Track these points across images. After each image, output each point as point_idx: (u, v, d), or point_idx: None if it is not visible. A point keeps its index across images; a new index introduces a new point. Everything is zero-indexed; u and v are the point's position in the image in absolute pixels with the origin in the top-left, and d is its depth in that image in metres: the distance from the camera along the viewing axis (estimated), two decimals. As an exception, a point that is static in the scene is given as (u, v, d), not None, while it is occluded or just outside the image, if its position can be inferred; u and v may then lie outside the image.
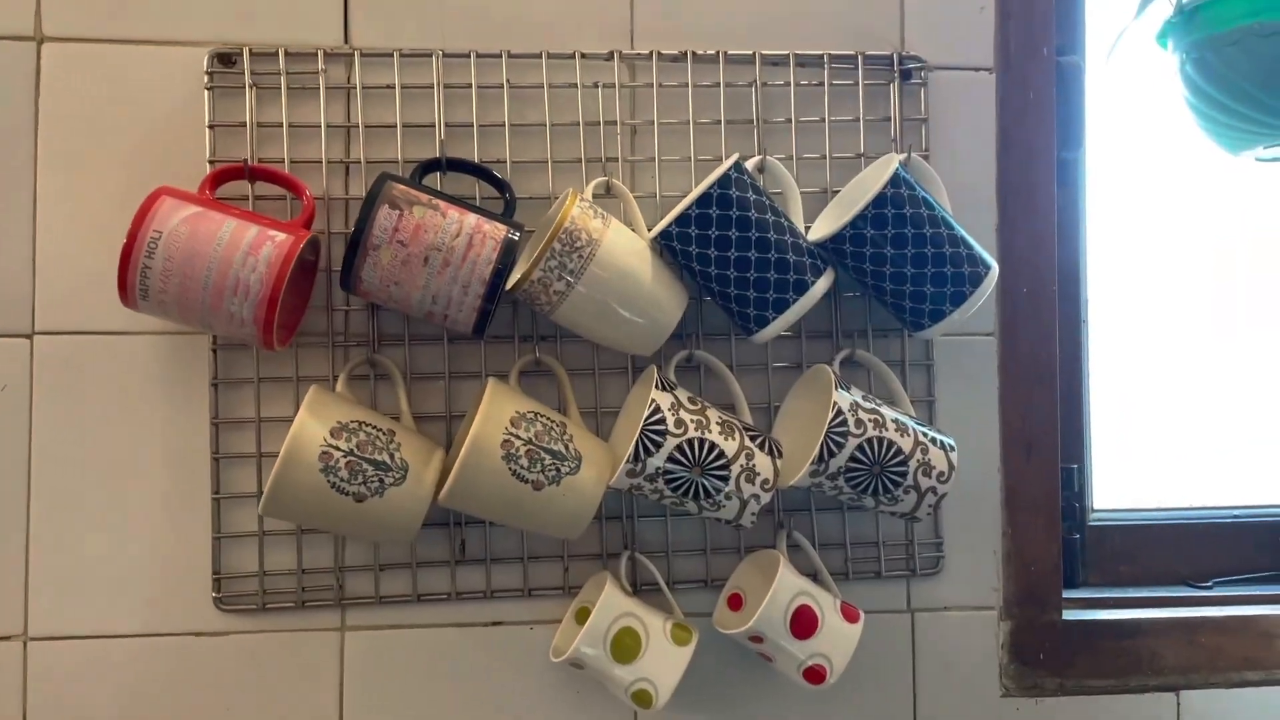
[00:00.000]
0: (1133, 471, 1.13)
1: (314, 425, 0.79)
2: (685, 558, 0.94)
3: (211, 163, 0.87)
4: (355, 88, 0.89)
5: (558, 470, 0.82)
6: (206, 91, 0.88)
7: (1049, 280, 0.98)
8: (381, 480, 0.80)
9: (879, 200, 0.84)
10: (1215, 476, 1.15)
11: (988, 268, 0.87)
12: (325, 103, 0.89)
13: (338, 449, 0.79)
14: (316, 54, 0.89)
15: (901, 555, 0.96)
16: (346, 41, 0.90)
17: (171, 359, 0.88)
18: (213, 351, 0.88)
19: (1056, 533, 0.99)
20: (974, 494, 0.97)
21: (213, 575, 0.88)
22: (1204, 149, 1.06)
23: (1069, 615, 0.99)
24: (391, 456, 0.81)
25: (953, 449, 0.88)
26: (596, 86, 0.92)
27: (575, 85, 0.92)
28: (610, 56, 0.92)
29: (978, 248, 0.88)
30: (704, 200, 0.83)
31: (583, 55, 0.92)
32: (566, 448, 0.83)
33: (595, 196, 0.88)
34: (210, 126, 0.88)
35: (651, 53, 0.92)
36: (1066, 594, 1.01)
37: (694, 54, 0.93)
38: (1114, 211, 1.14)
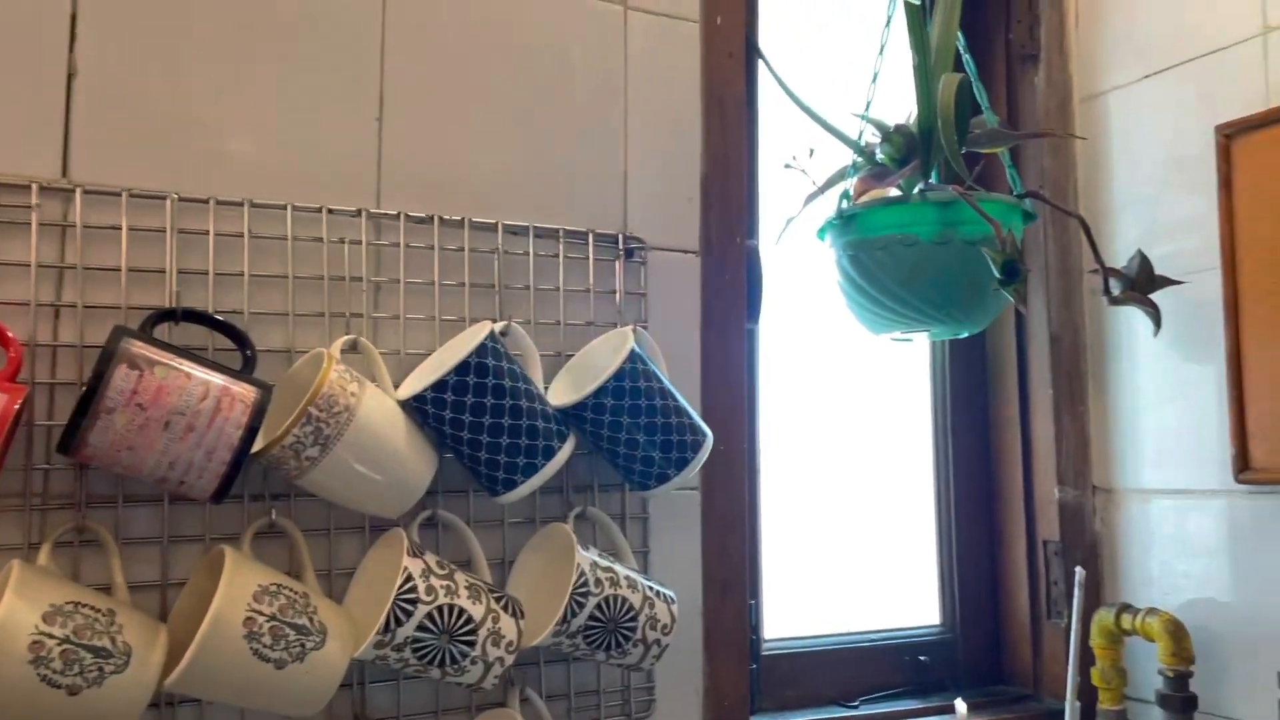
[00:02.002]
0: (796, 603, 1.28)
1: (23, 610, 0.70)
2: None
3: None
4: (75, 226, 0.82)
5: (302, 646, 0.78)
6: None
7: (740, 440, 1.11)
8: (101, 669, 0.72)
9: (619, 374, 0.91)
10: (863, 604, 1.34)
11: (705, 435, 0.97)
12: (37, 240, 0.80)
13: (51, 636, 0.70)
14: (30, 186, 0.80)
15: (618, 701, 1.01)
16: (65, 175, 0.83)
17: None
18: None
19: (745, 667, 1.10)
20: (680, 635, 1.05)
21: None
22: (851, 326, 1.26)
23: (754, 743, 1.10)
24: (113, 640, 0.73)
25: (673, 601, 0.96)
26: (342, 242, 0.92)
27: (321, 240, 0.91)
28: (358, 214, 0.92)
29: (696, 417, 0.98)
30: (462, 368, 0.85)
31: (330, 211, 0.91)
32: (311, 620, 0.80)
33: (341, 353, 0.87)
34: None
35: (399, 214, 0.94)
36: (751, 722, 1.12)
37: (440, 218, 0.96)
38: (777, 373, 1.30)
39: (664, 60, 1.10)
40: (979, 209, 1.03)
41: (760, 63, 1.23)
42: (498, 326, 0.93)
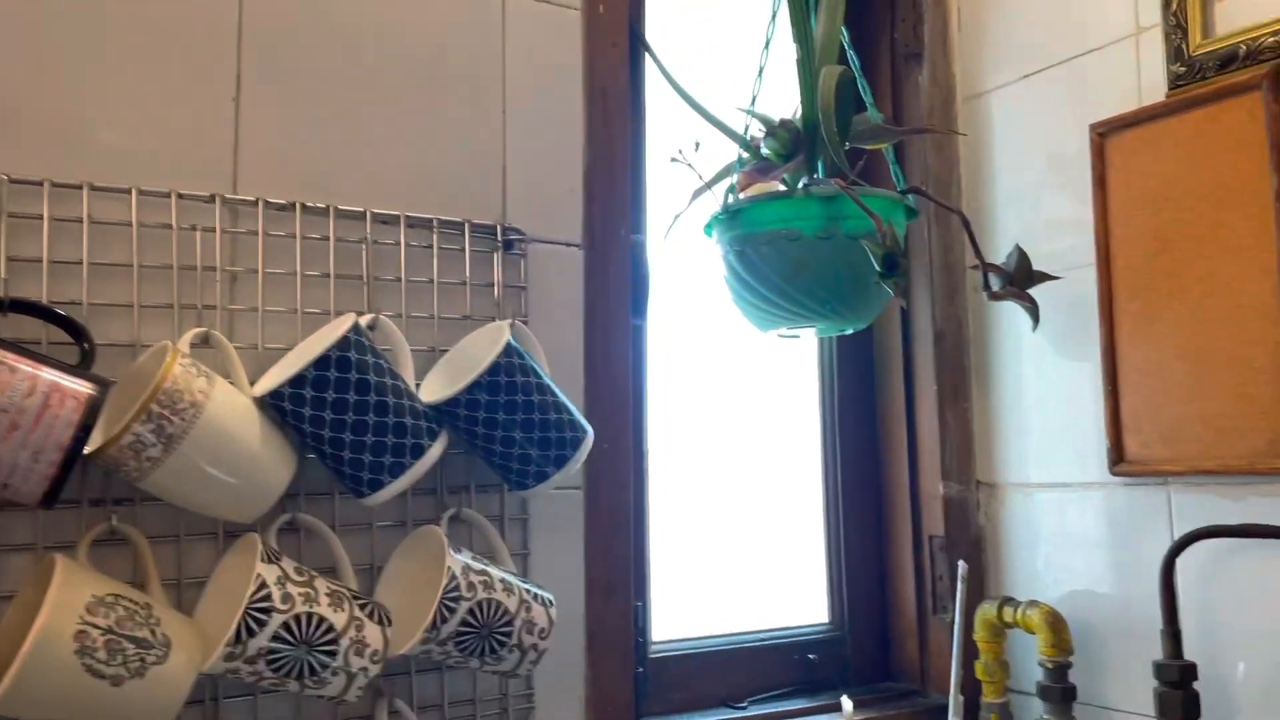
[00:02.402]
0: (685, 604, 1.26)
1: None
2: (278, 737, 0.87)
3: None
4: (-114, 206, 0.75)
5: (142, 661, 0.73)
6: None
7: (625, 437, 1.08)
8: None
9: (494, 369, 0.88)
10: (753, 604, 1.32)
11: (585, 432, 0.94)
12: None
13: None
14: None
15: (495, 710, 0.97)
16: (-125, 149, 0.76)
17: None
18: None
19: (630, 670, 1.07)
20: (561, 640, 1.02)
21: None
22: (739, 323, 1.25)
23: (640, 748, 1.08)
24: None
25: (552, 604, 0.92)
26: (194, 229, 0.86)
27: (170, 226, 0.85)
28: (211, 199, 0.87)
29: (576, 413, 0.94)
30: (322, 362, 0.80)
31: (180, 195, 0.85)
32: (153, 633, 0.74)
33: (191, 347, 0.81)
34: None
35: (257, 200, 0.89)
36: (636, 727, 1.09)
37: (303, 205, 0.91)
38: (666, 371, 1.28)
39: (545, 47, 1.07)
40: (860, 203, 1.02)
41: (646, 54, 1.21)
42: (364, 319, 0.89)
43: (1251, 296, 1.05)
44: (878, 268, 0.99)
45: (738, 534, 1.34)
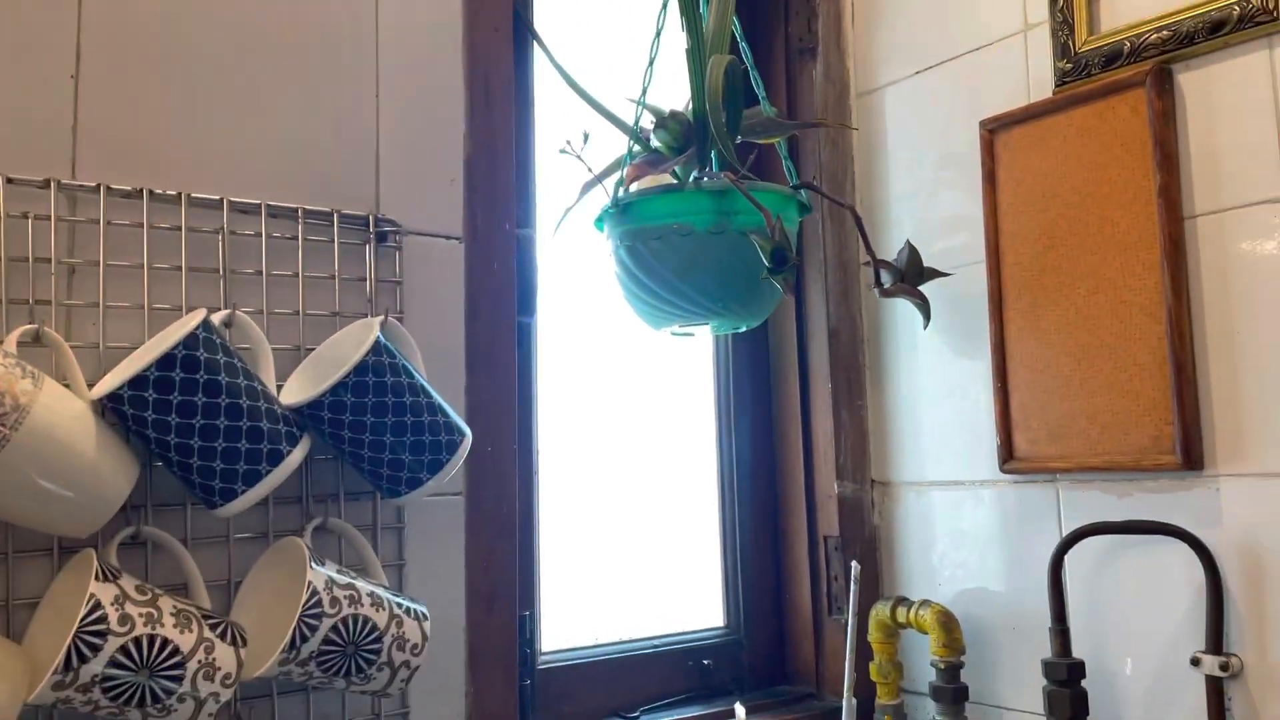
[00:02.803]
0: (578, 612, 1.22)
1: None
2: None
3: None
4: None
5: (-44, 693, 0.65)
6: None
7: (510, 440, 1.04)
8: None
9: (360, 368, 0.82)
10: (650, 609, 1.28)
11: (463, 435, 0.89)
12: None
13: None
14: None
15: (369, 730, 0.92)
16: None
17: None
18: None
19: (514, 684, 1.02)
20: (440, 654, 0.97)
21: None
22: (633, 321, 1.21)
23: (526, 764, 1.03)
24: None
25: (425, 618, 0.87)
26: (26, 217, 0.78)
27: (-3, 213, 0.77)
28: (46, 184, 0.79)
29: (453, 415, 0.89)
30: (166, 361, 0.74)
31: (9, 180, 0.78)
32: (-30, 662, 0.67)
33: (20, 346, 0.74)
34: None
35: (99, 185, 0.81)
36: (521, 742, 1.04)
37: (151, 192, 0.84)
38: (557, 371, 1.24)
39: (423, 27, 1.02)
40: (750, 197, 0.99)
41: (533, 41, 1.17)
42: (218, 315, 0.82)
43: (1135, 293, 1.06)
44: (766, 262, 0.96)
45: (633, 538, 1.30)
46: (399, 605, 0.85)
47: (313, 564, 0.80)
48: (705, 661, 1.28)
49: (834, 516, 1.30)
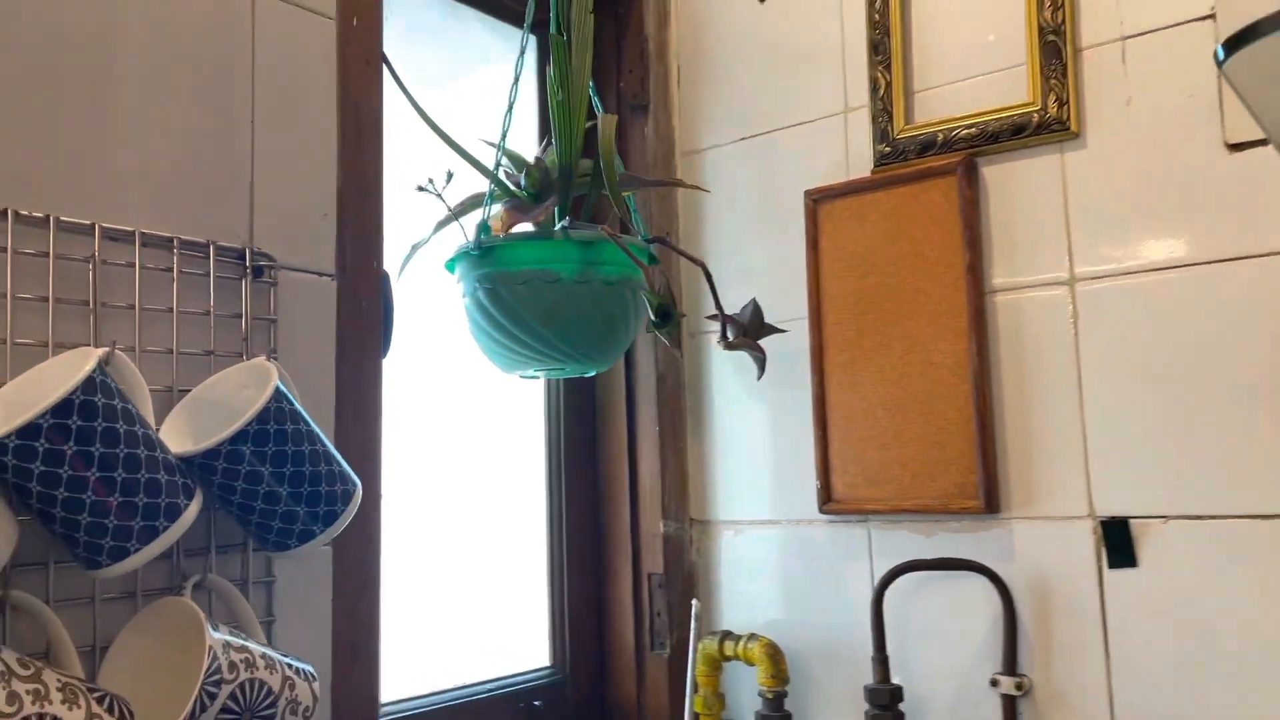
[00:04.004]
0: (413, 659, 1.19)
1: None
2: None
3: None
4: None
5: None
6: None
7: (376, 488, 1.00)
8: None
9: (262, 415, 0.77)
10: (483, 653, 1.27)
11: (355, 485, 0.86)
12: None
13: None
14: None
15: (234, 800, 0.85)
16: None
17: None
18: None
19: (374, 737, 0.99)
20: (302, 714, 0.92)
21: None
22: (474, 362, 1.21)
23: (382, 822, 0.99)
24: None
25: (315, 678, 0.83)
26: None
27: None
28: (-104, 198, 0.69)
29: (344, 464, 0.86)
30: (63, 408, 0.67)
31: None
32: None
33: None
34: None
35: (-42, 202, 0.72)
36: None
37: (16, 213, 0.75)
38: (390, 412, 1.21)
39: (297, 57, 0.97)
40: (630, 253, 1.03)
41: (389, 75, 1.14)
42: (99, 354, 0.75)
43: (945, 355, 1.20)
44: (652, 317, 1.01)
45: (465, 580, 1.29)
46: (289, 666, 0.81)
47: (209, 627, 0.74)
48: (535, 702, 1.29)
49: (659, 554, 1.36)
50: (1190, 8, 1.09)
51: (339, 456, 0.85)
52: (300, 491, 0.81)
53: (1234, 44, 0.57)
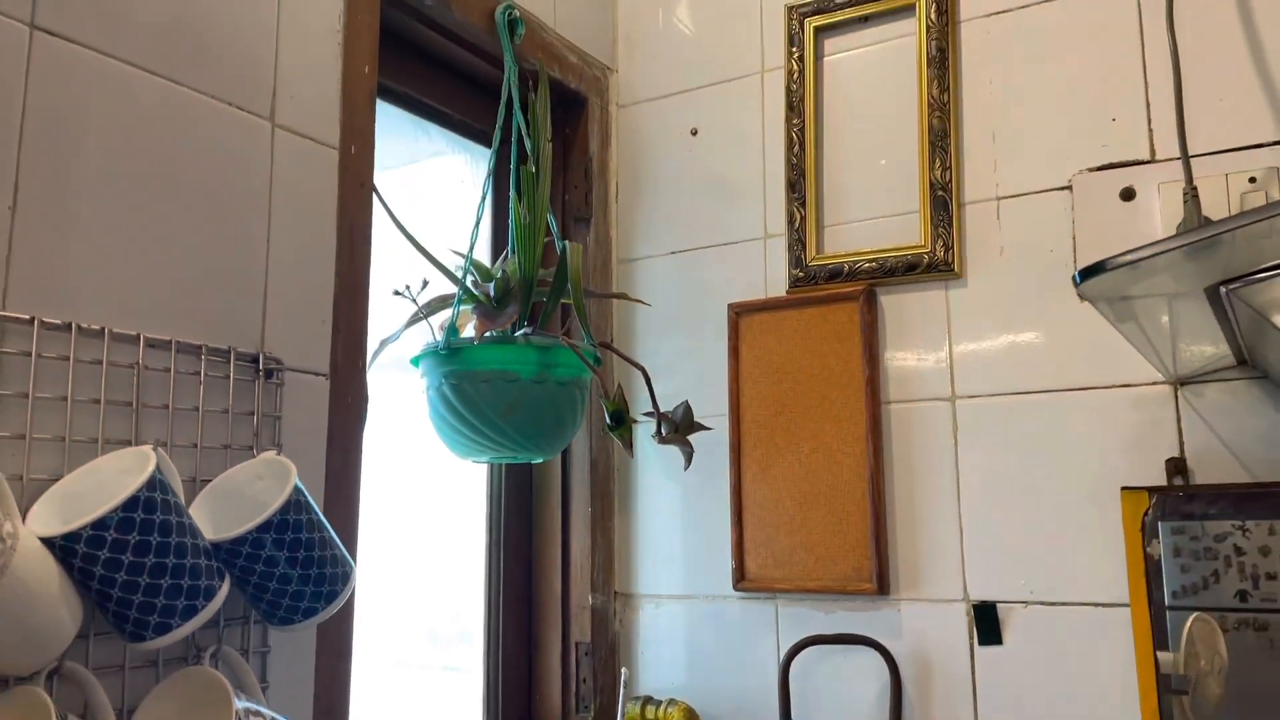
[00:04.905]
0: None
1: None
2: None
3: None
4: None
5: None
6: None
7: (352, 568, 1.12)
8: None
9: (285, 507, 0.90)
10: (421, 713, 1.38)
11: (351, 567, 0.98)
12: None
13: None
14: None
15: None
16: None
17: None
18: None
19: (341, 795, 1.10)
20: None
21: None
22: (432, 447, 1.33)
23: None
24: None
25: (311, 738, 0.94)
26: (-37, 347, 0.78)
27: (-63, 343, 0.76)
28: (-14, 315, 0.80)
29: (342, 548, 0.98)
30: (130, 504, 0.78)
31: (-48, 309, 0.77)
32: (-65, 812, 0.66)
33: (-42, 481, 0.74)
34: None
35: (33, 318, 0.83)
36: None
37: (79, 326, 0.86)
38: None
39: (305, 184, 1.10)
40: (583, 357, 1.19)
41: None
42: (155, 454, 0.86)
43: (847, 455, 1.39)
44: (609, 421, 1.16)
45: (406, 644, 1.40)
46: (293, 728, 0.92)
47: (235, 696, 0.85)
48: (471, 761, 1.40)
49: (587, 624, 1.50)
50: (1051, 178, 1.32)
51: (338, 541, 0.98)
52: (309, 574, 0.93)
53: (1087, 273, 0.77)
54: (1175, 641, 1.15)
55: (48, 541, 0.76)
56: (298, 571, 0.92)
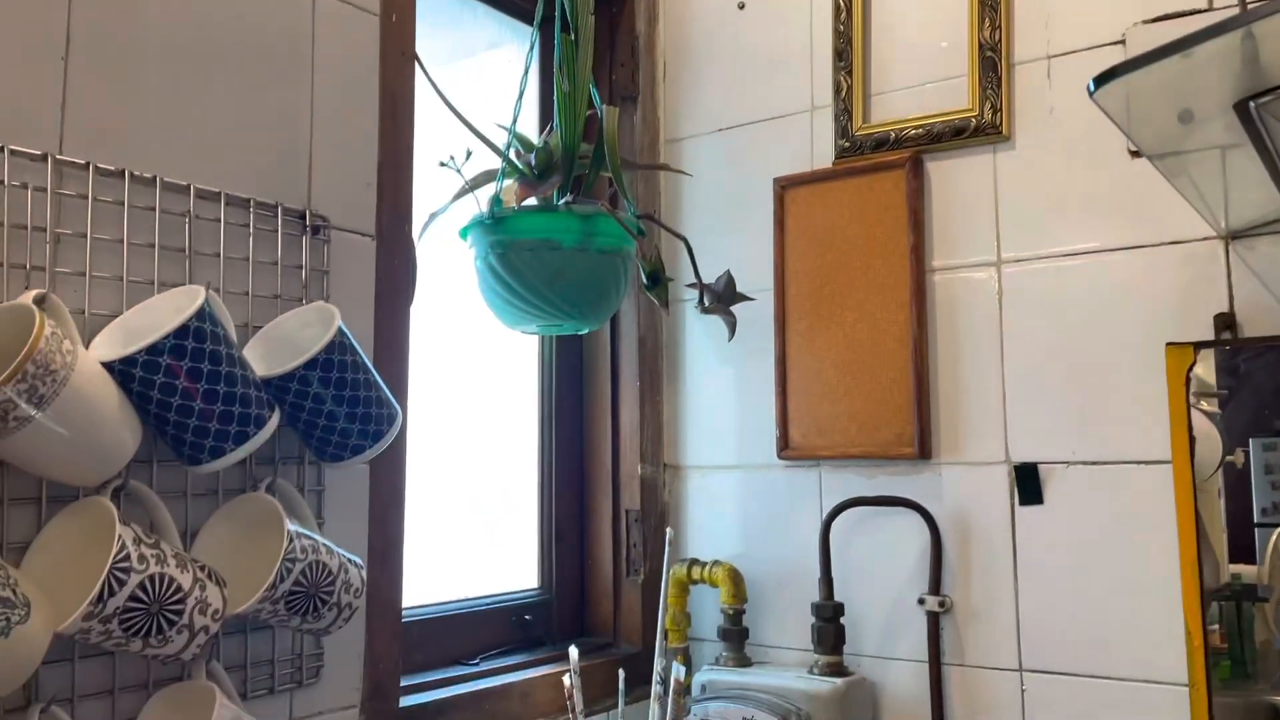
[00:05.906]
0: (423, 571, 1.36)
1: None
2: (91, 701, 0.87)
3: None
4: None
5: (7, 620, 0.72)
6: None
7: (404, 417, 1.17)
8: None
9: (329, 347, 0.95)
10: (482, 572, 1.45)
11: (397, 411, 1.04)
12: None
13: None
14: None
15: (289, 669, 1.03)
16: None
17: None
18: None
19: (399, 631, 1.17)
20: (340, 604, 1.09)
21: None
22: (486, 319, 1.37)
23: (403, 702, 1.17)
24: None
25: (362, 566, 1.01)
26: (25, 187, 0.84)
27: (1, 182, 0.82)
28: (44, 158, 0.85)
29: (388, 392, 1.03)
30: (182, 332, 0.83)
31: (13, 152, 0.83)
32: (15, 594, 0.73)
33: (25, 308, 0.80)
34: None
35: (88, 163, 0.88)
36: (394, 684, 1.18)
37: (132, 174, 0.91)
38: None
39: (348, 49, 1.14)
40: (624, 224, 1.21)
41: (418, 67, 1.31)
42: (204, 291, 0.91)
43: (890, 324, 1.39)
44: (644, 281, 1.18)
45: (470, 506, 1.47)
46: (343, 555, 0.98)
47: (287, 518, 0.92)
48: (526, 617, 1.47)
49: (637, 493, 1.54)
50: (1104, 34, 1.28)
51: (385, 386, 1.03)
52: (355, 412, 0.98)
53: (1101, 79, 0.75)
54: (1260, 555, 1.17)
55: (107, 365, 0.82)
56: (344, 409, 0.97)
